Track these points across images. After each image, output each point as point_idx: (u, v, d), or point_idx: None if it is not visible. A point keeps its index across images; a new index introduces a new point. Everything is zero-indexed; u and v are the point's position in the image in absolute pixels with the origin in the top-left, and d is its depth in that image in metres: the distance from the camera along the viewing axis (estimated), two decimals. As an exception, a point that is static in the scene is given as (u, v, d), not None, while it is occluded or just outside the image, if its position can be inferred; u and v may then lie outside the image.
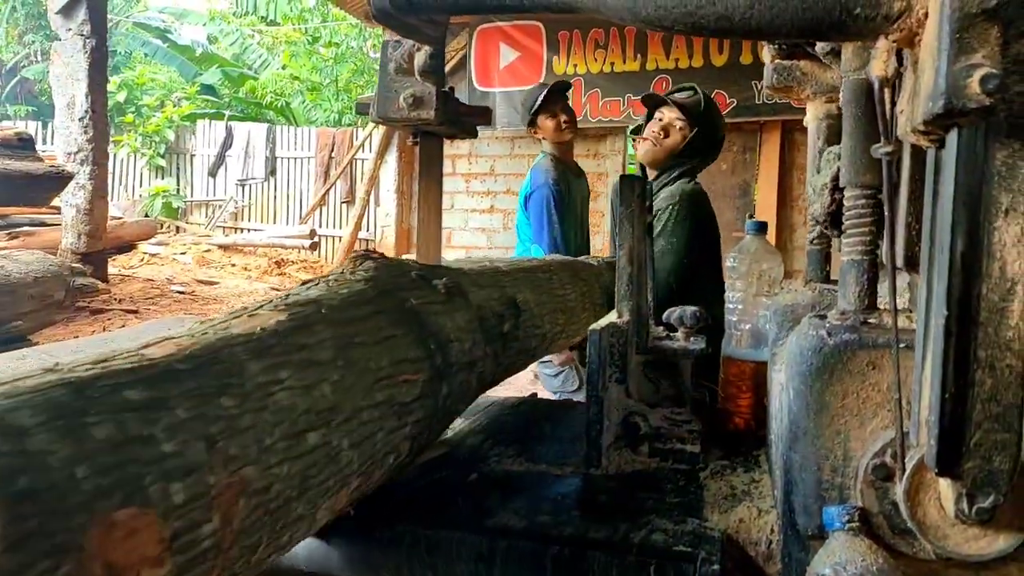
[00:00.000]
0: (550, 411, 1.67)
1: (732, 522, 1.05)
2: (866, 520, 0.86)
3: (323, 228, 9.65)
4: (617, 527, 1.03)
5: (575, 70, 7.67)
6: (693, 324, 1.37)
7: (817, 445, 0.90)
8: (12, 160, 4.41)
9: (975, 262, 0.69)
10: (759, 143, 7.19)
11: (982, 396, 0.70)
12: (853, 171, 0.92)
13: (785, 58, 1.32)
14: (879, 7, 0.71)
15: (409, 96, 1.20)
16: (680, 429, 1.32)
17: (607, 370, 1.29)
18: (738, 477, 1.23)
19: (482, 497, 1.14)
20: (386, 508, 1.09)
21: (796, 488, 0.92)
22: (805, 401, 0.90)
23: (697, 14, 0.75)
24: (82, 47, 5.09)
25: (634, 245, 1.35)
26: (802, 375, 0.90)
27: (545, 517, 1.06)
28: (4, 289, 3.40)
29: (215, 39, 15.24)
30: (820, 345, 0.89)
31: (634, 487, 1.19)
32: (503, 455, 1.33)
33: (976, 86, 0.63)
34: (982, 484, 0.72)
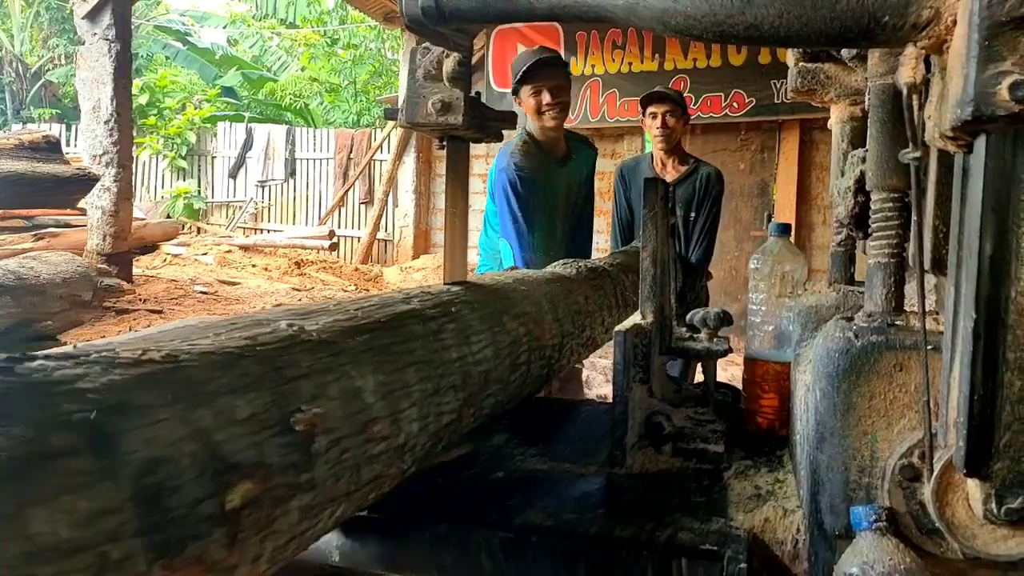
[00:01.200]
0: (568, 410, 1.68)
1: (758, 521, 1.06)
2: (893, 520, 0.86)
3: (342, 229, 9.71)
4: (643, 526, 1.04)
5: (593, 70, 7.67)
6: (717, 325, 1.38)
7: (844, 446, 0.91)
8: (39, 163, 4.50)
9: (1004, 266, 0.70)
10: (778, 142, 7.16)
11: (1011, 398, 0.71)
12: (880, 175, 0.93)
13: (809, 61, 1.33)
14: (907, 15, 0.72)
15: (437, 102, 1.22)
16: (703, 429, 1.33)
17: (631, 370, 1.31)
18: (762, 477, 1.24)
19: (508, 496, 1.16)
20: (416, 506, 1.11)
21: (823, 488, 0.93)
22: (832, 402, 0.91)
23: (726, 23, 0.77)
24: (107, 51, 5.17)
25: (657, 247, 1.37)
26: (829, 376, 0.91)
27: (571, 515, 1.08)
28: (34, 289, 3.47)
29: (235, 41, 15.38)
30: (847, 347, 0.90)
31: (658, 486, 1.21)
32: (527, 454, 1.35)
33: (1005, 93, 0.64)
34: (1011, 485, 0.73)
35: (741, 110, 7.07)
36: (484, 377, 1.13)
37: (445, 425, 1.00)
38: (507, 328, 1.27)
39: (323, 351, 0.77)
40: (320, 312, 0.88)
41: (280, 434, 0.63)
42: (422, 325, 1.01)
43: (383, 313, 0.96)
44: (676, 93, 3.23)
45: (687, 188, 3.18)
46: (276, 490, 0.61)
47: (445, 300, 1.15)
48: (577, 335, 1.65)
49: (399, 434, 0.85)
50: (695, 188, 3.18)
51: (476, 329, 1.15)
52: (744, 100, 7.05)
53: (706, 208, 3.16)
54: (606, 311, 1.89)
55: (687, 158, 3.30)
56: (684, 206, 3.15)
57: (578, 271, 1.88)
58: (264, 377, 0.65)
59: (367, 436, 0.77)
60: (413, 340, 0.96)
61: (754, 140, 7.27)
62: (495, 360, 1.18)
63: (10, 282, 3.32)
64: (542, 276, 1.69)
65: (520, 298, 1.41)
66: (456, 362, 1.04)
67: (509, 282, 1.48)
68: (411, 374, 0.91)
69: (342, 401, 0.75)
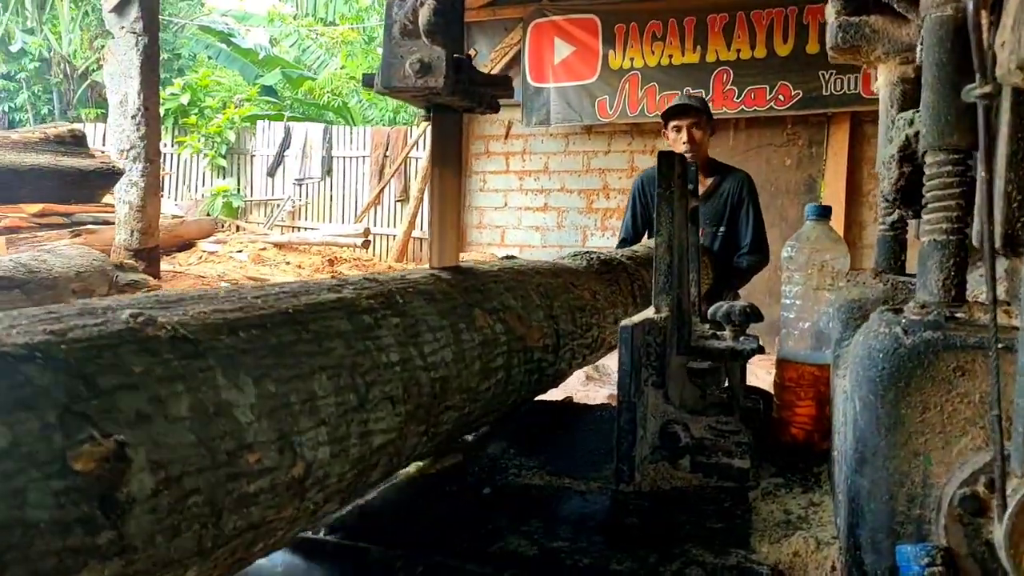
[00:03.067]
0: (584, 417, 1.51)
1: (785, 556, 0.89)
2: (952, 564, 0.68)
3: (377, 227, 9.64)
4: (645, 558, 0.87)
5: (631, 64, 7.45)
6: (742, 321, 1.20)
7: (890, 469, 0.73)
8: (65, 156, 4.46)
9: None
10: (826, 136, 6.85)
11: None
12: (936, 131, 0.75)
13: (852, 14, 1.14)
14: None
15: (415, 62, 1.07)
16: (727, 441, 1.15)
17: (643, 372, 1.14)
18: (794, 499, 1.06)
19: (493, 516, 1.00)
20: (383, 526, 0.96)
21: (863, 520, 0.75)
22: (875, 414, 0.73)
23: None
24: (134, 44, 5.14)
25: (674, 232, 1.19)
26: (871, 383, 0.73)
27: (562, 543, 0.92)
28: (45, 283, 3.41)
29: (276, 41, 15.48)
30: (894, 346, 0.72)
31: (670, 508, 1.03)
32: (523, 466, 1.19)
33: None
34: (1115, 531, 0.54)
35: (787, 103, 6.79)
36: (440, 385, 0.92)
37: (378, 448, 0.79)
38: (478, 325, 1.06)
39: (174, 352, 0.56)
40: (198, 300, 0.68)
41: (58, 475, 0.43)
42: (348, 319, 0.81)
43: (293, 303, 0.76)
44: (699, 101, 3.09)
45: (716, 203, 3.02)
46: (45, 560, 0.41)
47: (391, 289, 0.94)
48: (580, 335, 1.45)
49: (294, 464, 0.64)
50: (727, 200, 3.02)
51: (432, 325, 0.95)
52: (791, 92, 6.77)
53: (744, 215, 2.99)
54: (620, 308, 1.68)
55: (714, 168, 3.12)
56: (714, 221, 3.00)
57: (588, 263, 1.70)
58: (53, 388, 0.46)
59: (235, 469, 0.57)
60: (330, 338, 0.76)
61: (801, 134, 6.98)
62: (458, 364, 0.97)
63: (21, 275, 3.27)
64: (540, 267, 1.49)
65: (501, 290, 1.20)
66: (396, 366, 0.83)
67: (493, 271, 1.28)
68: (321, 382, 0.70)
69: (195, 422, 0.55)
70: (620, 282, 1.77)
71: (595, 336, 1.54)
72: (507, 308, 1.18)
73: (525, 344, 1.19)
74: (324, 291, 0.84)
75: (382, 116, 12.58)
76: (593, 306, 1.54)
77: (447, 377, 0.93)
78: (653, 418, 1.18)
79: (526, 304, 1.25)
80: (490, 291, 1.17)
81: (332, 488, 0.71)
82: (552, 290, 1.39)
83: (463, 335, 1.00)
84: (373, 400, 0.77)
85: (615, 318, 1.64)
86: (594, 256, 1.77)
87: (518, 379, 1.18)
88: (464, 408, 1.00)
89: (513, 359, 1.15)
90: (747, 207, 3.01)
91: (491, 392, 1.08)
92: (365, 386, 0.76)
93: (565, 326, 1.37)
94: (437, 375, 0.91)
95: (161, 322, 0.58)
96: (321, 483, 0.68)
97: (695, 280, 1.37)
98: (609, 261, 1.81)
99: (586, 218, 7.93)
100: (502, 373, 1.11)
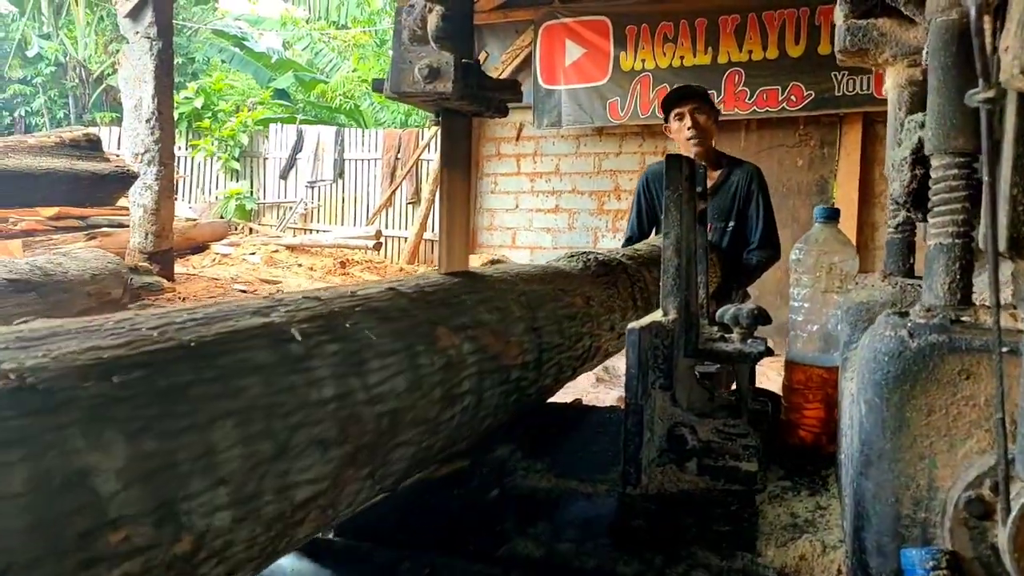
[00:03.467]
0: (592, 419, 1.51)
1: (791, 559, 0.89)
2: (957, 568, 0.68)
3: (389, 229, 9.68)
4: (651, 561, 0.88)
5: (643, 65, 7.45)
6: (750, 324, 1.20)
7: (895, 471, 0.73)
8: (80, 160, 4.51)
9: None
10: (839, 136, 6.83)
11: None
12: (942, 134, 0.75)
13: (860, 17, 1.14)
14: (978, -95, 0.55)
15: (424, 67, 1.07)
16: (734, 444, 1.15)
17: (650, 375, 1.14)
18: (801, 502, 1.06)
19: (500, 518, 1.00)
20: (390, 528, 0.97)
21: (868, 523, 0.75)
22: (881, 417, 0.74)
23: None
24: (148, 49, 5.20)
25: (682, 234, 1.19)
26: (877, 385, 0.74)
27: (568, 545, 0.92)
28: (60, 286, 3.46)
29: (289, 44, 15.57)
30: (900, 348, 0.72)
31: (677, 511, 1.03)
32: (531, 469, 1.19)
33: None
34: (1119, 535, 0.54)
35: (799, 104, 6.78)
36: (389, 420, 0.80)
37: (304, 502, 0.67)
38: (440, 346, 0.94)
39: (15, 408, 0.46)
40: (74, 335, 0.56)
41: None
42: (271, 350, 0.68)
43: (199, 334, 0.63)
44: (701, 88, 2.97)
45: (723, 197, 2.91)
46: None
47: (335, 309, 0.82)
48: (568, 347, 1.37)
49: (178, 538, 0.52)
50: (736, 194, 2.91)
51: (381, 350, 0.82)
52: (803, 93, 6.76)
53: (754, 211, 2.90)
54: (618, 313, 1.62)
55: (719, 159, 3.01)
56: (722, 216, 2.90)
57: (585, 265, 1.64)
58: None
59: (90, 554, 0.46)
60: (243, 374, 0.63)
61: (813, 135, 6.96)
62: (413, 393, 0.85)
63: (37, 278, 3.31)
64: (526, 273, 1.38)
65: (472, 303, 1.09)
66: (331, 403, 0.71)
67: (465, 281, 1.18)
68: (225, 431, 0.58)
69: (34, 498, 0.44)
70: (619, 285, 1.71)
71: (587, 346, 1.48)
72: (479, 323, 1.07)
73: (500, 363, 1.09)
74: (248, 315, 0.72)
75: (394, 119, 12.63)
76: (586, 313, 1.48)
77: (398, 409, 0.82)
78: (660, 421, 1.18)
79: (504, 317, 1.15)
80: (461, 305, 1.07)
81: (239, 557, 0.60)
82: (536, 299, 1.30)
83: (421, 359, 0.89)
84: (297, 447, 0.66)
85: (612, 324, 1.59)
86: (592, 257, 1.70)
87: (491, 402, 1.08)
88: (422, 442, 0.89)
89: (485, 381, 1.04)
90: (757, 201, 2.91)
91: (456, 420, 0.97)
92: (287, 430, 0.65)
93: (550, 338, 1.29)
94: (385, 408, 0.80)
95: (4, 369, 0.48)
96: (220, 554, 0.57)
97: (703, 283, 1.37)
98: (608, 263, 1.75)
99: (597, 219, 7.93)
100: (470, 398, 1.00)
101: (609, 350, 1.61)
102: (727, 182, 2.93)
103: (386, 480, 0.84)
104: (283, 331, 0.72)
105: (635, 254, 1.98)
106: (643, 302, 1.78)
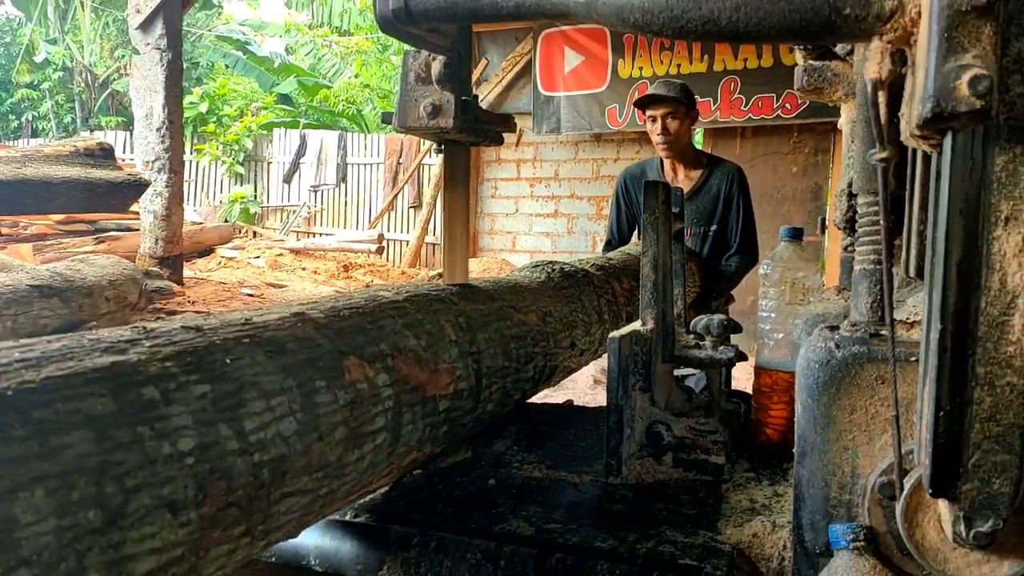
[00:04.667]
0: (582, 418, 1.66)
1: (746, 536, 1.03)
2: (872, 540, 0.82)
3: (391, 232, 9.83)
4: (625, 538, 1.01)
5: (640, 73, 7.59)
6: (720, 333, 1.34)
7: (824, 461, 0.87)
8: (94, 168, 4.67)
9: (972, 274, 0.66)
10: (832, 144, 6.96)
11: (980, 415, 0.67)
12: (864, 176, 0.89)
13: (817, 59, 1.28)
14: (870, 6, 0.69)
15: (428, 105, 1.22)
16: (705, 440, 1.29)
17: (630, 378, 1.28)
18: (761, 490, 1.20)
19: (496, 503, 1.14)
20: (402, 510, 1.11)
21: (804, 504, 0.89)
22: (813, 415, 0.88)
23: (683, 19, 0.74)
24: (159, 60, 5.36)
25: (659, 252, 1.34)
26: (809, 388, 0.88)
27: (555, 524, 1.06)
28: (82, 291, 3.61)
29: (293, 50, 15.74)
30: (828, 358, 0.87)
31: (651, 498, 1.18)
32: (525, 461, 1.34)
33: (965, 88, 0.61)
34: (980, 507, 0.68)
35: (794, 111, 6.91)
36: (272, 470, 0.70)
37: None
38: (349, 379, 0.85)
39: None
40: None
41: None
42: (113, 397, 0.58)
43: (19, 380, 0.54)
44: (676, 88, 2.84)
45: (704, 200, 2.88)
46: None
47: (215, 341, 0.73)
48: (515, 369, 1.31)
49: None
50: (717, 196, 2.87)
51: (266, 389, 0.73)
52: (797, 101, 6.89)
53: (735, 214, 2.87)
54: (580, 329, 1.59)
55: (699, 159, 2.97)
56: (703, 220, 2.87)
57: (548, 277, 1.61)
58: None
59: None
60: (68, 429, 0.54)
61: (807, 142, 7.10)
62: (306, 437, 0.76)
63: (59, 284, 3.46)
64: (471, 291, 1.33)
65: (397, 328, 1.01)
66: (189, 456, 0.62)
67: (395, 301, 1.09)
68: (32, 501, 0.49)
69: None
70: (584, 298, 1.67)
71: (539, 366, 1.42)
72: (401, 351, 0.98)
73: (424, 394, 1.00)
74: (98, 353, 0.62)
75: (396, 124, 12.78)
76: (541, 331, 1.43)
77: (286, 456, 0.73)
78: (640, 419, 1.32)
79: (434, 342, 1.06)
80: (380, 330, 0.97)
81: None
82: (478, 319, 1.22)
83: (320, 396, 0.80)
84: (136, 512, 0.56)
85: (572, 341, 1.56)
86: (556, 268, 1.67)
87: (414, 437, 0.99)
88: (320, 489, 0.79)
89: (403, 415, 0.95)
90: (737, 204, 2.86)
91: (367, 461, 0.88)
92: (122, 493, 0.55)
93: (492, 362, 1.21)
94: (267, 457, 0.70)
95: None
96: None
97: (680, 295, 1.51)
98: (573, 274, 1.72)
99: (596, 224, 8.08)
100: (384, 435, 0.91)
101: (572, 367, 1.60)
102: (707, 184, 2.90)
103: (274, 534, 0.76)
104: (138, 372, 0.62)
105: (606, 264, 1.98)
106: (611, 315, 1.76)
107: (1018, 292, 0.65)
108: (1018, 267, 0.65)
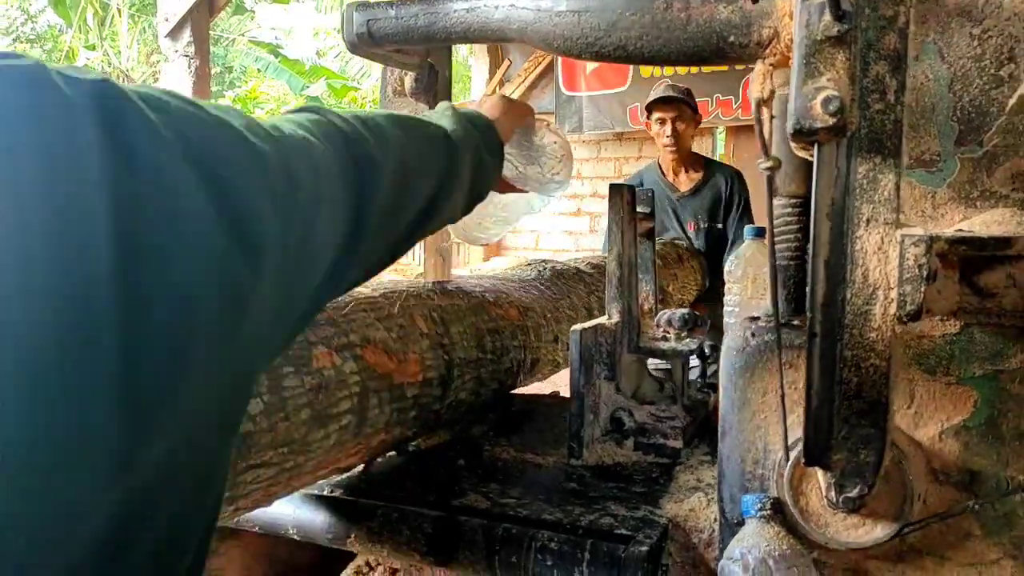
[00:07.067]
0: (563, 407, 1.75)
1: (684, 510, 1.12)
2: (780, 509, 0.91)
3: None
4: (571, 511, 1.11)
5: (662, 72, 7.62)
6: (681, 326, 1.43)
7: (741, 439, 0.96)
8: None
9: (839, 269, 0.75)
10: (853, 142, 6.94)
11: (848, 393, 0.76)
12: (781, 182, 0.98)
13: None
14: (751, 35, 0.78)
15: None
16: (664, 425, 1.38)
17: (594, 368, 1.38)
18: (710, 471, 1.29)
19: (461, 480, 1.25)
20: (374, 487, 1.22)
21: (725, 479, 0.98)
22: (731, 397, 0.97)
23: (597, 44, 0.84)
24: (187, 67, 5.54)
25: (623, 250, 1.43)
26: (728, 373, 0.97)
27: (511, 500, 1.16)
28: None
29: (323, 53, 16.00)
30: (744, 345, 0.96)
31: (606, 477, 1.27)
32: (496, 444, 1.44)
33: (819, 107, 0.70)
34: (850, 475, 0.77)
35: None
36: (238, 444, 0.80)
37: None
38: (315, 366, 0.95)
39: None
40: None
41: None
42: None
43: None
44: (684, 92, 3.01)
45: (706, 197, 3.03)
46: None
47: None
48: (490, 361, 1.39)
49: None
50: (718, 195, 3.02)
51: None
52: (819, 99, 6.88)
53: (735, 215, 3.02)
54: (565, 323, 1.65)
55: (700, 161, 3.14)
56: (707, 216, 3.02)
57: (538, 274, 1.75)
58: None
59: None
60: None
61: (828, 140, 7.07)
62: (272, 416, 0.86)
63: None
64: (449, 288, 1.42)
65: (369, 321, 1.10)
66: None
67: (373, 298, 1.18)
68: None
69: None
70: (572, 295, 1.79)
71: (515, 359, 1.49)
72: (369, 342, 1.07)
73: (392, 382, 1.09)
74: None
75: (422, 123, 12.94)
76: (520, 326, 1.52)
77: (252, 432, 0.83)
78: (605, 406, 1.41)
79: (405, 334, 1.16)
80: (351, 323, 1.07)
81: None
82: (453, 313, 1.32)
83: (287, 380, 0.90)
84: None
85: (556, 335, 1.65)
86: (547, 267, 1.80)
87: (381, 420, 1.07)
88: (286, 463, 0.89)
89: (369, 400, 1.04)
90: (738, 206, 3.02)
91: (333, 439, 0.97)
92: None
93: (464, 353, 1.29)
94: None
95: None
96: None
97: (652, 290, 1.60)
98: (564, 272, 1.85)
99: (617, 223, 8.13)
100: (350, 417, 1.00)
101: (557, 360, 1.69)
102: (709, 183, 3.06)
103: (241, 501, 0.86)
104: None
105: (601, 263, 2.08)
106: (600, 310, 1.83)
107: (878, 285, 0.74)
108: (878, 263, 0.74)
